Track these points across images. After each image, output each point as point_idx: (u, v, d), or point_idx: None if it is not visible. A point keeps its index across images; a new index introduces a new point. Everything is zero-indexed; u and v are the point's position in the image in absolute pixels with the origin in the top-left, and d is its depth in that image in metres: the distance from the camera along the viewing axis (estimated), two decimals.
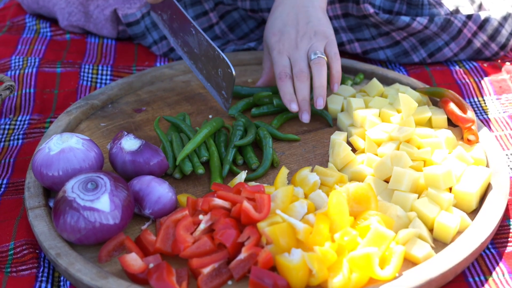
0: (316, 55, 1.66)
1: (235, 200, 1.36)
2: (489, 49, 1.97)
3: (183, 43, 1.74)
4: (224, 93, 1.67)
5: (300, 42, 1.69)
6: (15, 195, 1.55)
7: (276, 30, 1.72)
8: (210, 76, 1.70)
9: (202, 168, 1.53)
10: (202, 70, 1.72)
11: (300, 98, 1.66)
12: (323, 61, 1.65)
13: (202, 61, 1.71)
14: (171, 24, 1.75)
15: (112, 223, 1.34)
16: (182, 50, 1.76)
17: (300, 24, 1.71)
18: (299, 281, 1.24)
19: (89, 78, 1.95)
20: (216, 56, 1.64)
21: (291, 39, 1.70)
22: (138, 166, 1.46)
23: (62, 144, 1.43)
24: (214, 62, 1.66)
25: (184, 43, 1.74)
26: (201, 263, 1.28)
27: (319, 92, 1.65)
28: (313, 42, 1.69)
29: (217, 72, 1.67)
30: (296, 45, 1.69)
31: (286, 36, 1.71)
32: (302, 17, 1.72)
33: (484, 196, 1.45)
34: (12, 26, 2.21)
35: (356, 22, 2.01)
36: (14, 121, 1.79)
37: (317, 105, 1.66)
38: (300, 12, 1.72)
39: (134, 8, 2.03)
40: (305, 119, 1.68)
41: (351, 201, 1.39)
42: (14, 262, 1.38)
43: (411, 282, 1.25)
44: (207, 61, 1.68)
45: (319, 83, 1.65)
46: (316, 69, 1.65)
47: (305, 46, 1.68)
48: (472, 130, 1.57)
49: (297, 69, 1.66)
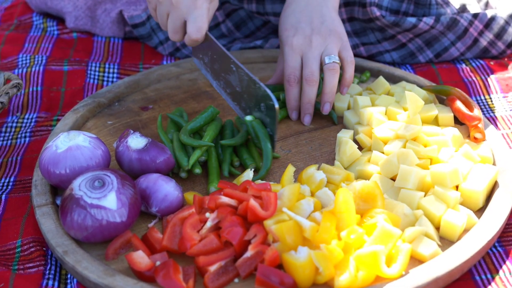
0: (331, 60, 1.64)
1: (242, 198, 1.36)
2: (496, 48, 1.97)
3: (226, 84, 1.68)
4: (269, 131, 1.59)
5: (315, 40, 1.67)
6: (22, 193, 1.55)
7: (289, 26, 1.71)
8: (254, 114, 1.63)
9: (199, 167, 1.53)
10: (246, 109, 1.65)
11: (306, 101, 1.66)
12: (338, 68, 1.64)
13: (245, 99, 1.64)
14: (213, 66, 1.70)
15: (119, 221, 1.34)
16: (225, 92, 1.70)
17: (314, 22, 1.69)
18: (305, 279, 1.24)
19: (96, 76, 1.96)
20: (257, 89, 1.57)
21: (306, 35, 1.68)
22: (144, 164, 1.47)
23: (69, 142, 1.44)
24: (256, 97, 1.59)
25: (227, 83, 1.68)
26: (207, 261, 1.28)
27: (328, 98, 1.65)
28: (328, 43, 1.67)
29: (260, 108, 1.59)
30: (310, 43, 1.67)
31: (300, 31, 1.68)
32: (316, 16, 1.70)
33: (491, 194, 1.45)
34: (19, 24, 2.21)
35: (361, 27, 2.00)
36: (21, 119, 1.79)
37: (324, 111, 1.67)
38: (315, 11, 1.71)
39: (139, 9, 2.03)
40: (307, 122, 1.68)
41: (357, 199, 1.39)
42: (21, 259, 1.38)
43: (418, 280, 1.25)
44: (249, 98, 1.61)
45: (329, 89, 1.65)
46: (329, 75, 1.64)
47: (319, 45, 1.67)
48: (479, 128, 1.57)
49: (308, 71, 1.65)
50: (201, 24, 1.56)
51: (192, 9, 1.55)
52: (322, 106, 1.67)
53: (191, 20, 1.55)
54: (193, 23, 1.55)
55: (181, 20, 1.57)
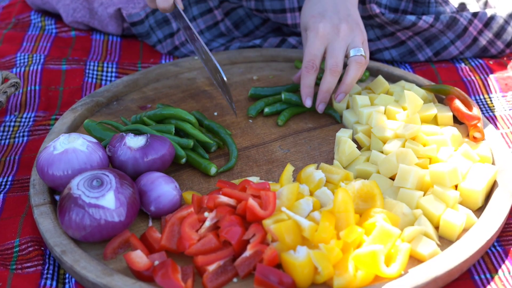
0: (359, 53, 1.63)
1: (241, 198, 1.36)
2: (495, 47, 1.97)
3: (196, 50, 1.74)
4: (227, 98, 1.68)
5: (343, 30, 1.65)
6: (20, 192, 1.55)
7: (316, 13, 1.68)
8: (217, 82, 1.70)
9: None
10: (213, 76, 1.72)
11: (325, 89, 1.65)
12: (364, 62, 1.64)
13: (209, 67, 1.71)
14: (186, 32, 1.75)
15: (117, 220, 1.33)
16: (202, 59, 1.76)
17: (341, 13, 1.67)
18: (304, 279, 1.24)
19: (94, 75, 1.95)
20: (211, 62, 1.65)
21: (334, 23, 1.65)
22: (151, 160, 1.46)
23: (67, 145, 1.43)
24: (214, 68, 1.65)
25: (197, 50, 1.74)
26: (206, 260, 1.28)
27: (346, 89, 1.65)
28: (355, 35, 1.66)
29: (217, 77, 1.67)
30: (338, 32, 1.65)
31: (327, 19, 1.66)
32: (342, 8, 1.69)
33: (490, 194, 1.45)
34: (18, 23, 2.21)
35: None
36: (19, 118, 1.79)
37: (338, 99, 1.67)
38: (340, 4, 1.69)
39: (138, 7, 2.03)
40: (321, 110, 1.68)
41: (356, 198, 1.38)
42: (19, 259, 1.38)
43: (417, 279, 1.25)
44: (211, 67, 1.68)
45: (350, 80, 1.64)
46: (354, 67, 1.63)
47: (346, 36, 1.65)
48: (478, 127, 1.57)
49: (333, 61, 1.63)
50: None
51: None
52: (337, 95, 1.66)
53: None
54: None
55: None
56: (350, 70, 1.63)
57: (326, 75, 1.64)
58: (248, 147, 1.64)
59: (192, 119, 1.60)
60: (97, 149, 1.45)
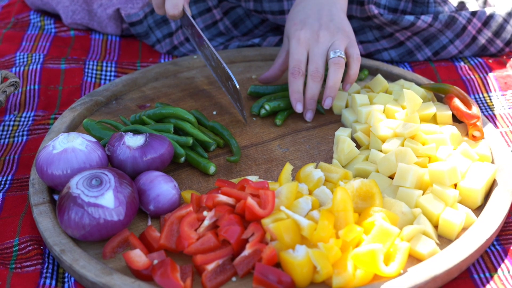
0: (336, 54, 1.64)
1: (239, 197, 1.36)
2: (494, 46, 1.96)
3: (205, 57, 1.75)
4: (238, 105, 1.67)
5: (323, 36, 1.66)
6: (20, 192, 1.55)
7: (298, 20, 1.71)
8: (227, 89, 1.70)
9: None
10: (223, 83, 1.72)
11: (309, 96, 1.66)
12: (343, 62, 1.64)
13: (219, 74, 1.71)
14: (194, 39, 1.76)
15: (117, 220, 1.33)
16: (208, 62, 1.76)
17: (323, 19, 1.69)
18: (303, 278, 1.24)
19: (93, 74, 1.95)
20: (222, 69, 1.64)
21: (313, 30, 1.67)
22: (150, 159, 1.46)
23: (66, 144, 1.43)
24: (224, 76, 1.66)
25: (205, 56, 1.74)
26: (205, 259, 1.28)
27: (330, 92, 1.65)
28: (335, 39, 1.67)
29: (228, 85, 1.67)
30: (318, 38, 1.66)
31: (308, 26, 1.68)
32: (325, 14, 1.70)
33: (489, 193, 1.45)
34: (17, 23, 2.21)
35: (359, 25, 2.00)
36: (19, 118, 1.79)
37: (325, 105, 1.67)
38: (323, 10, 1.71)
39: (136, 8, 2.03)
40: (309, 118, 1.69)
41: (355, 197, 1.38)
42: (18, 258, 1.38)
43: (416, 278, 1.25)
44: (221, 72, 1.68)
45: (332, 83, 1.64)
46: (333, 69, 1.64)
47: (326, 41, 1.66)
48: (477, 126, 1.57)
49: (314, 67, 1.65)
50: (177, 1, 1.63)
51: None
52: (324, 100, 1.66)
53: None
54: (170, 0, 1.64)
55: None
56: (330, 73, 1.64)
57: (309, 81, 1.65)
58: (247, 146, 1.64)
59: (192, 118, 1.60)
60: (96, 148, 1.45)
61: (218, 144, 1.63)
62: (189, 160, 1.57)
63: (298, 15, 1.72)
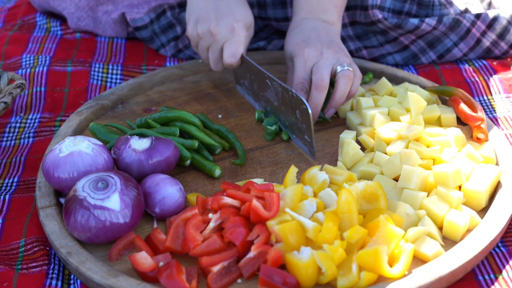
0: (345, 67, 1.63)
1: (245, 199, 1.36)
2: (499, 48, 1.97)
3: (266, 103, 1.72)
4: (307, 137, 1.59)
5: (326, 53, 1.66)
6: (26, 193, 1.56)
7: (300, 41, 1.70)
8: (292, 125, 1.65)
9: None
10: (285, 122, 1.67)
11: (313, 106, 1.63)
12: (352, 75, 1.63)
13: (283, 112, 1.66)
14: (252, 88, 1.74)
15: (122, 222, 1.34)
16: (267, 111, 1.73)
17: (323, 40, 1.69)
18: (308, 279, 1.25)
19: (99, 77, 1.96)
20: (290, 97, 1.59)
21: (317, 48, 1.67)
22: (156, 162, 1.47)
23: (72, 147, 1.44)
24: (291, 106, 1.60)
25: (266, 101, 1.71)
26: (210, 261, 1.28)
27: (336, 104, 1.65)
28: (339, 56, 1.67)
29: (296, 116, 1.60)
30: (322, 54, 1.66)
31: (311, 45, 1.68)
32: (323, 36, 1.71)
33: (494, 194, 1.45)
34: (23, 25, 2.21)
35: (363, 30, 2.01)
36: (25, 120, 1.80)
37: (327, 114, 1.68)
38: (321, 33, 1.72)
39: (142, 12, 2.04)
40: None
41: (360, 199, 1.39)
42: (24, 259, 1.39)
43: (421, 280, 1.25)
44: (286, 108, 1.63)
45: (340, 95, 1.63)
46: (343, 81, 1.63)
47: (330, 57, 1.66)
48: (482, 128, 1.57)
49: (318, 76, 1.63)
50: (236, 49, 1.66)
51: (229, 37, 1.67)
52: (327, 110, 1.66)
53: (227, 45, 1.67)
54: (228, 48, 1.66)
55: (220, 50, 1.68)
56: (339, 85, 1.63)
57: (313, 91, 1.63)
58: (252, 149, 1.64)
59: (197, 121, 1.61)
60: (102, 152, 1.46)
61: (224, 147, 1.64)
62: (195, 163, 1.57)
63: (297, 37, 1.72)
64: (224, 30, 1.66)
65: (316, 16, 1.76)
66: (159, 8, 2.04)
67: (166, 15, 2.05)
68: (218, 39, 1.67)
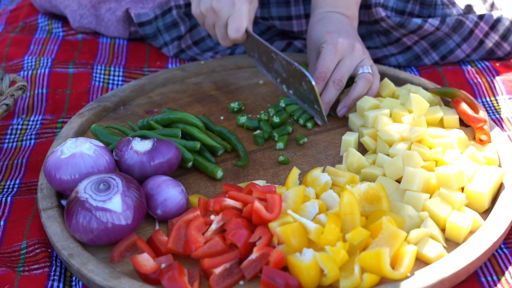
0: (367, 70, 1.68)
1: (247, 201, 1.36)
2: (502, 49, 1.96)
3: (276, 74, 1.74)
4: (317, 107, 1.65)
5: (357, 49, 1.70)
6: (28, 195, 1.56)
7: (331, 30, 1.73)
8: (302, 96, 1.68)
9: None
10: (296, 93, 1.70)
11: (326, 100, 1.67)
12: (371, 79, 1.68)
13: (291, 83, 1.69)
14: (262, 60, 1.76)
15: (124, 224, 1.34)
16: (278, 82, 1.75)
17: (352, 35, 1.73)
18: (310, 281, 1.24)
19: (101, 79, 1.96)
20: (294, 70, 1.62)
21: (350, 41, 1.70)
22: (158, 163, 1.46)
23: (74, 149, 1.44)
24: (297, 78, 1.64)
25: (276, 73, 1.73)
26: (212, 263, 1.28)
27: (350, 104, 1.69)
28: (365, 56, 1.71)
29: (303, 87, 1.64)
30: (353, 49, 1.69)
31: (344, 36, 1.70)
32: (352, 31, 1.75)
33: (496, 196, 1.45)
34: (25, 27, 2.22)
35: (366, 30, 2.01)
36: (27, 121, 1.80)
37: (340, 113, 1.70)
38: (349, 28, 1.76)
39: (147, 8, 2.04)
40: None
41: (362, 201, 1.39)
42: (26, 261, 1.39)
43: (423, 281, 1.25)
44: (294, 80, 1.66)
45: (356, 96, 1.67)
46: (362, 83, 1.67)
47: (359, 55, 1.70)
48: (484, 130, 1.57)
49: (339, 75, 1.67)
50: (239, 24, 1.65)
51: (232, 12, 1.65)
52: (340, 108, 1.70)
53: (230, 21, 1.65)
54: (232, 23, 1.65)
55: (224, 26, 1.68)
56: (358, 86, 1.66)
57: (329, 86, 1.67)
58: (254, 151, 1.64)
59: (199, 123, 1.61)
60: (104, 153, 1.46)
61: (226, 148, 1.63)
62: (197, 164, 1.57)
63: (328, 26, 1.74)
64: (225, 5, 1.65)
65: (340, 10, 1.80)
66: (165, 5, 2.04)
67: (172, 13, 2.04)
68: (221, 15, 1.66)
